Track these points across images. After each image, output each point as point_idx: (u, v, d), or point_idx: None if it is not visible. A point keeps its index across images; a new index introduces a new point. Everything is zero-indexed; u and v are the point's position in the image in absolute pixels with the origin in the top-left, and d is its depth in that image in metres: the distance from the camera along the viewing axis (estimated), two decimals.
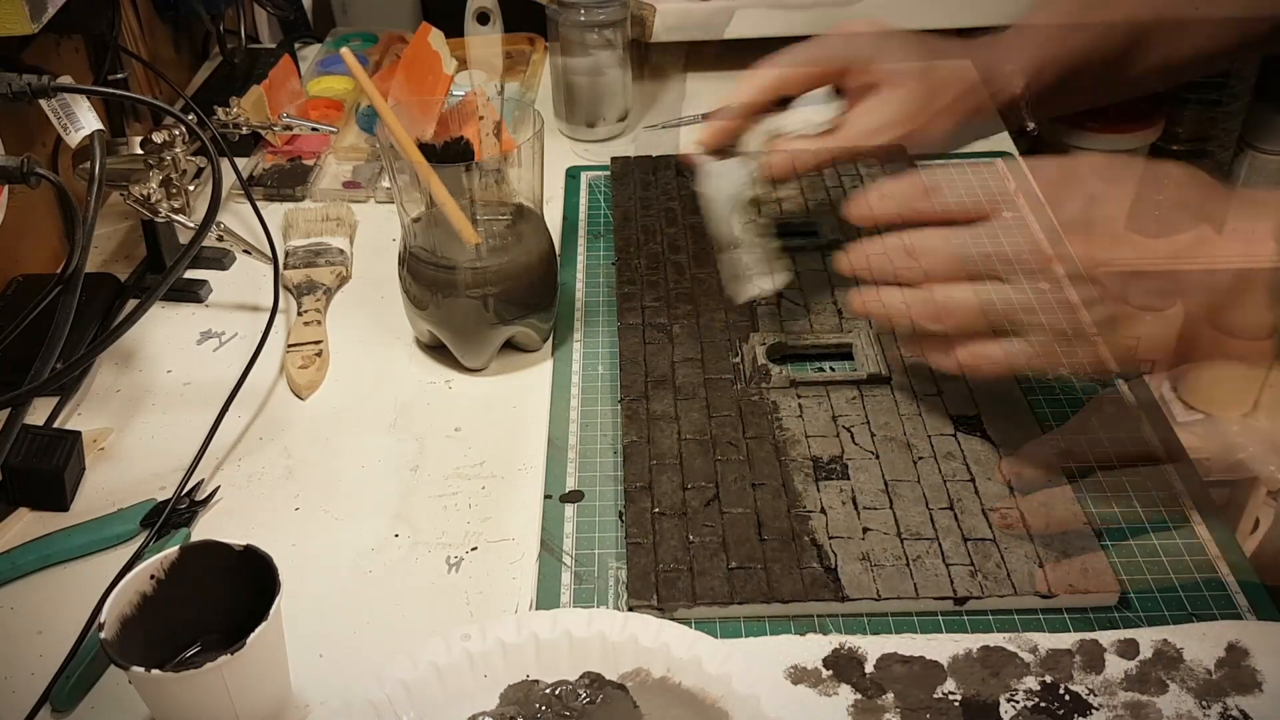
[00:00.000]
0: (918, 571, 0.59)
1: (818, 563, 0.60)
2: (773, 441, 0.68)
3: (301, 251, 0.88)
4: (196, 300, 0.86)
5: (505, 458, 0.71)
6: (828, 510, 0.63)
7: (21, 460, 0.67)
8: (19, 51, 0.78)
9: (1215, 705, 0.54)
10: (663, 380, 0.72)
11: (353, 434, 0.73)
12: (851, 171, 0.92)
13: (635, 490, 0.65)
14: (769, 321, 0.77)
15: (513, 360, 0.78)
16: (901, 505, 0.63)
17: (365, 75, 0.69)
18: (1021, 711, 0.54)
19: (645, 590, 0.59)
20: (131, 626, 0.52)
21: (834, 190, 0.90)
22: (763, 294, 0.75)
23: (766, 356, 0.73)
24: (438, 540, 0.65)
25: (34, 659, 0.59)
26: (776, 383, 0.72)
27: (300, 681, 0.56)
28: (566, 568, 0.62)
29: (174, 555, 0.54)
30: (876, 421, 0.69)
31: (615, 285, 0.81)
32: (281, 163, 1.00)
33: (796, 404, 0.70)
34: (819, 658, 0.56)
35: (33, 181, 0.66)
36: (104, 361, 0.80)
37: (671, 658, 0.54)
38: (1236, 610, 0.59)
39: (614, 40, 1.02)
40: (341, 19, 1.32)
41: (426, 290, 0.74)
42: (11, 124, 0.85)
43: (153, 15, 1.12)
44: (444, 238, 0.72)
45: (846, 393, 0.71)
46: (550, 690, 0.55)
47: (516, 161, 0.72)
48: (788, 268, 0.77)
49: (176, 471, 0.69)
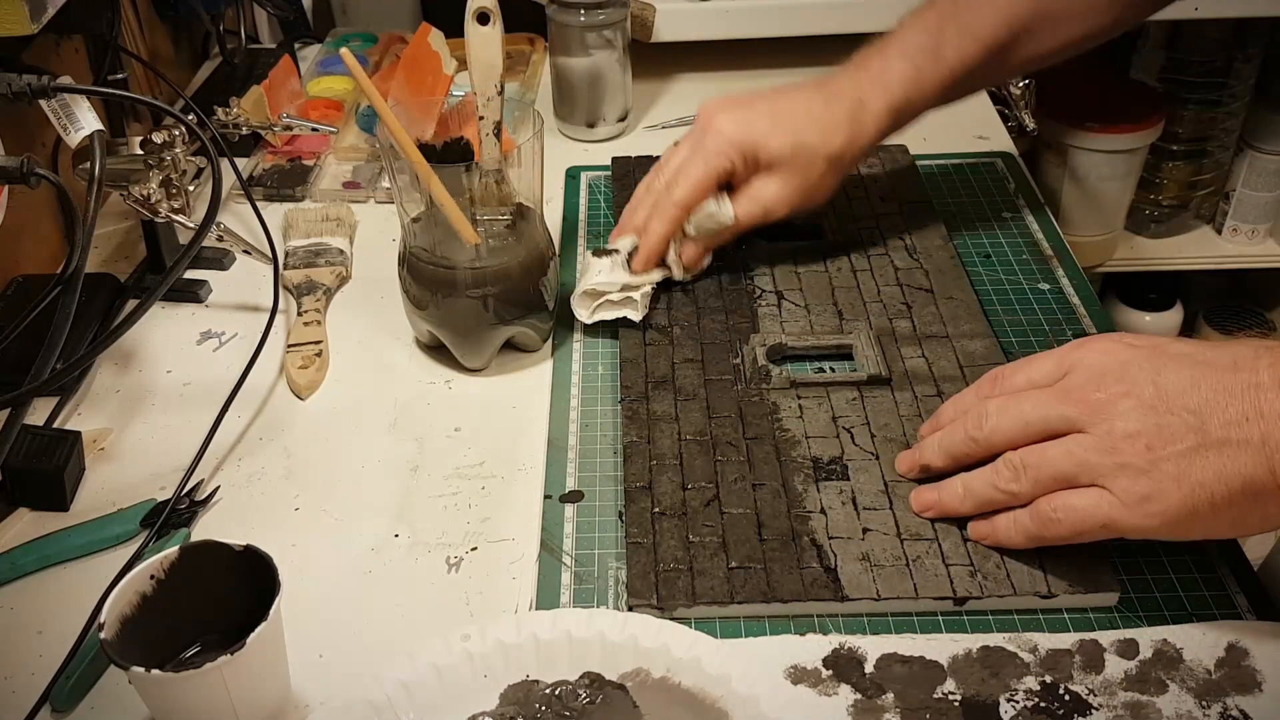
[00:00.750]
0: (917, 572, 0.59)
1: (818, 563, 0.60)
2: (773, 442, 0.68)
3: (301, 252, 0.88)
4: (196, 300, 0.86)
5: (505, 458, 0.71)
6: (828, 510, 0.63)
7: (21, 460, 0.67)
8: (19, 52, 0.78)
9: (1215, 705, 0.54)
10: (663, 381, 0.72)
11: (353, 434, 0.73)
12: (853, 170, 0.92)
13: (635, 490, 0.65)
14: (769, 323, 0.77)
15: (513, 360, 0.78)
16: (901, 506, 0.63)
17: (365, 76, 0.69)
18: (1021, 712, 0.54)
19: (645, 590, 0.59)
20: (131, 626, 0.52)
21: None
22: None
23: (767, 358, 0.73)
24: (437, 540, 0.65)
25: (34, 659, 0.59)
26: (777, 383, 0.72)
27: (300, 681, 0.56)
28: (566, 568, 0.62)
29: (174, 555, 0.54)
30: (877, 422, 0.69)
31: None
32: (281, 163, 1.00)
33: (797, 405, 0.70)
34: (819, 658, 0.56)
35: (33, 182, 0.66)
36: (104, 362, 0.80)
37: (671, 658, 0.54)
38: (1236, 610, 0.59)
39: (614, 40, 1.01)
40: (341, 19, 1.32)
41: (426, 290, 0.74)
42: (11, 124, 0.85)
43: (152, 15, 1.12)
44: (444, 238, 0.72)
45: (847, 394, 0.71)
46: (550, 690, 0.55)
47: (516, 161, 0.72)
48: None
49: (176, 472, 0.69)
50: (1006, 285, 0.82)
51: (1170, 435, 0.53)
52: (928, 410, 0.69)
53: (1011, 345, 0.76)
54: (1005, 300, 0.81)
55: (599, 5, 1.00)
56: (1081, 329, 0.78)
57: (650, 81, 1.15)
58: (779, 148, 0.76)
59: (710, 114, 0.78)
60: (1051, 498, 0.57)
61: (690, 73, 1.18)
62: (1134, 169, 1.49)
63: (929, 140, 1.02)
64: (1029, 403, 0.58)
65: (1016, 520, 0.59)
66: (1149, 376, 0.55)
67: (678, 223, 0.78)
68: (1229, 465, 0.52)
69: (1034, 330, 0.78)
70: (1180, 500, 0.53)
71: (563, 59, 1.03)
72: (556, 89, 1.06)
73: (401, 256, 0.75)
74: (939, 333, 0.76)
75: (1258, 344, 0.54)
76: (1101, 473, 0.54)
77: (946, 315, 0.77)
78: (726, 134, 0.77)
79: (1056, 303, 0.80)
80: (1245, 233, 1.60)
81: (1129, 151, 1.46)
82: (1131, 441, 0.54)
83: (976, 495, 0.60)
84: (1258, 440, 0.51)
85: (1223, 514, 0.53)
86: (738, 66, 1.18)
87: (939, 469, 0.63)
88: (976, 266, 0.84)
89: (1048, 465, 0.57)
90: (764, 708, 0.51)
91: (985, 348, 0.74)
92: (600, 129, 1.05)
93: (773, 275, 0.81)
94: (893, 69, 0.77)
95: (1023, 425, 0.58)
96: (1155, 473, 0.53)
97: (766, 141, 0.76)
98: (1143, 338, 0.58)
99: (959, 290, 0.79)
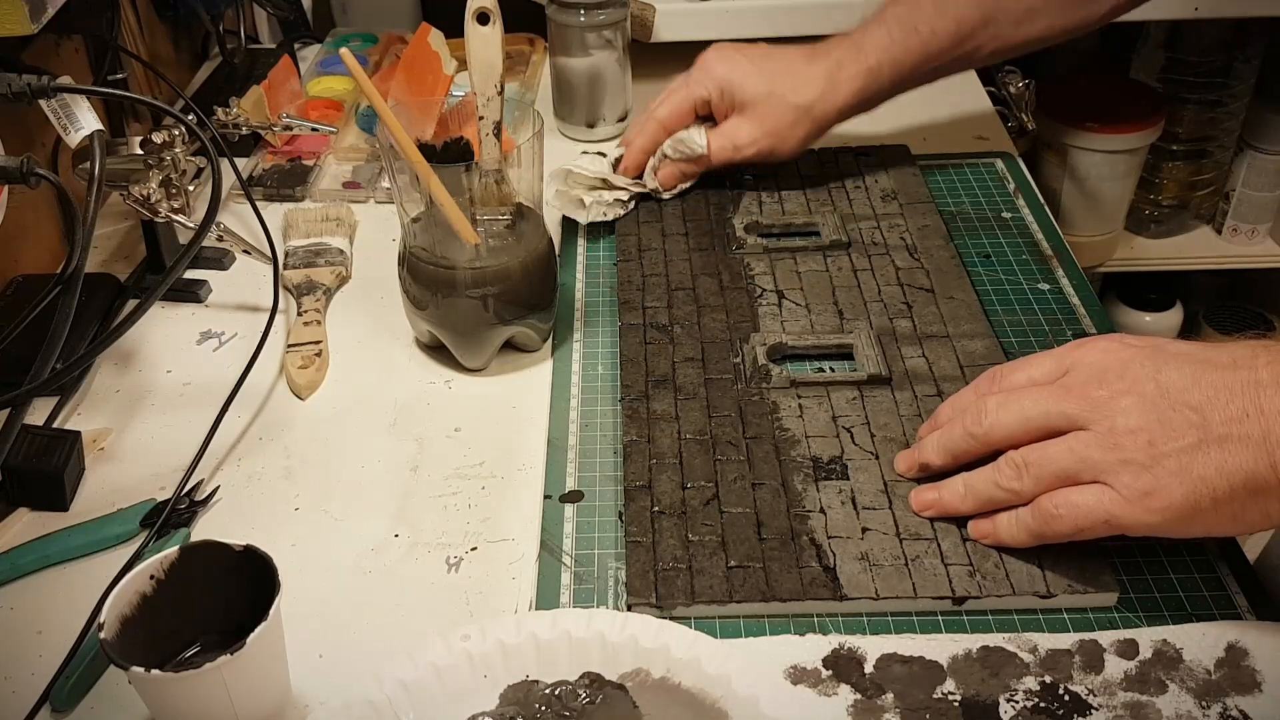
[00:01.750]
0: (916, 571, 0.59)
1: (816, 562, 0.60)
2: (772, 441, 0.68)
3: (301, 252, 0.88)
4: (196, 300, 0.86)
5: (505, 458, 0.71)
6: (827, 510, 0.63)
7: (21, 460, 0.67)
8: (19, 52, 0.78)
9: (1215, 705, 0.54)
10: (663, 380, 0.72)
11: (352, 434, 0.73)
12: (854, 170, 0.93)
13: (635, 489, 0.65)
14: (770, 321, 0.77)
15: (513, 360, 0.78)
16: (900, 505, 0.63)
17: (365, 76, 0.69)
18: (1021, 712, 0.54)
19: (644, 589, 0.59)
20: (131, 627, 0.52)
21: (835, 190, 0.91)
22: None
23: (767, 357, 0.73)
24: (437, 540, 0.65)
25: (34, 659, 0.59)
26: (777, 383, 0.72)
27: (300, 681, 0.56)
28: (566, 568, 0.62)
29: (174, 555, 0.54)
30: (876, 422, 0.69)
31: (616, 286, 0.82)
32: (281, 163, 1.00)
33: (797, 404, 0.70)
34: (819, 658, 0.56)
35: (32, 182, 0.66)
36: (104, 362, 0.80)
37: (671, 658, 0.54)
38: (1236, 610, 0.59)
39: (614, 41, 1.02)
40: (341, 19, 1.32)
41: (426, 290, 0.74)
42: (11, 124, 0.85)
43: (152, 15, 1.12)
44: (444, 238, 0.72)
45: (847, 393, 0.71)
46: (550, 690, 0.55)
47: (516, 161, 0.72)
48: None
49: (176, 472, 0.69)
50: (1006, 285, 0.82)
51: (1172, 431, 0.53)
52: (928, 410, 0.69)
53: (1011, 345, 0.76)
54: (1005, 300, 0.81)
55: (599, 5, 1.00)
56: (1081, 329, 0.78)
57: (650, 82, 1.15)
58: (754, 90, 0.85)
59: (706, 54, 0.88)
60: (1053, 495, 0.57)
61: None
62: (1134, 169, 1.49)
63: (929, 140, 1.02)
64: (1029, 399, 0.58)
65: (1018, 518, 0.59)
66: (1150, 374, 0.55)
67: (656, 138, 0.88)
68: (1230, 461, 0.52)
69: (1034, 330, 0.78)
70: (1182, 496, 0.53)
71: (562, 59, 1.03)
72: (556, 89, 1.06)
73: (401, 256, 0.75)
74: (939, 332, 0.76)
75: (1255, 343, 0.54)
76: (1103, 469, 0.55)
77: (947, 315, 0.77)
78: (710, 70, 0.86)
79: (1056, 303, 0.80)
80: (1245, 233, 1.60)
81: (1129, 151, 1.46)
82: (1133, 437, 0.54)
83: (978, 494, 0.60)
84: (1258, 436, 0.51)
85: (1224, 510, 0.53)
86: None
87: (938, 467, 0.63)
88: (976, 266, 0.84)
89: (1049, 463, 0.57)
90: (763, 708, 0.51)
91: (986, 347, 0.74)
92: (600, 129, 1.05)
93: (773, 274, 0.81)
94: (871, 36, 0.85)
95: (1023, 421, 0.58)
96: (1157, 468, 0.53)
97: (744, 83, 0.85)
98: (1142, 338, 0.58)
99: (959, 290, 0.79)
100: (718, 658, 0.54)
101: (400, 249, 0.75)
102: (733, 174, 0.91)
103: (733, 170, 0.90)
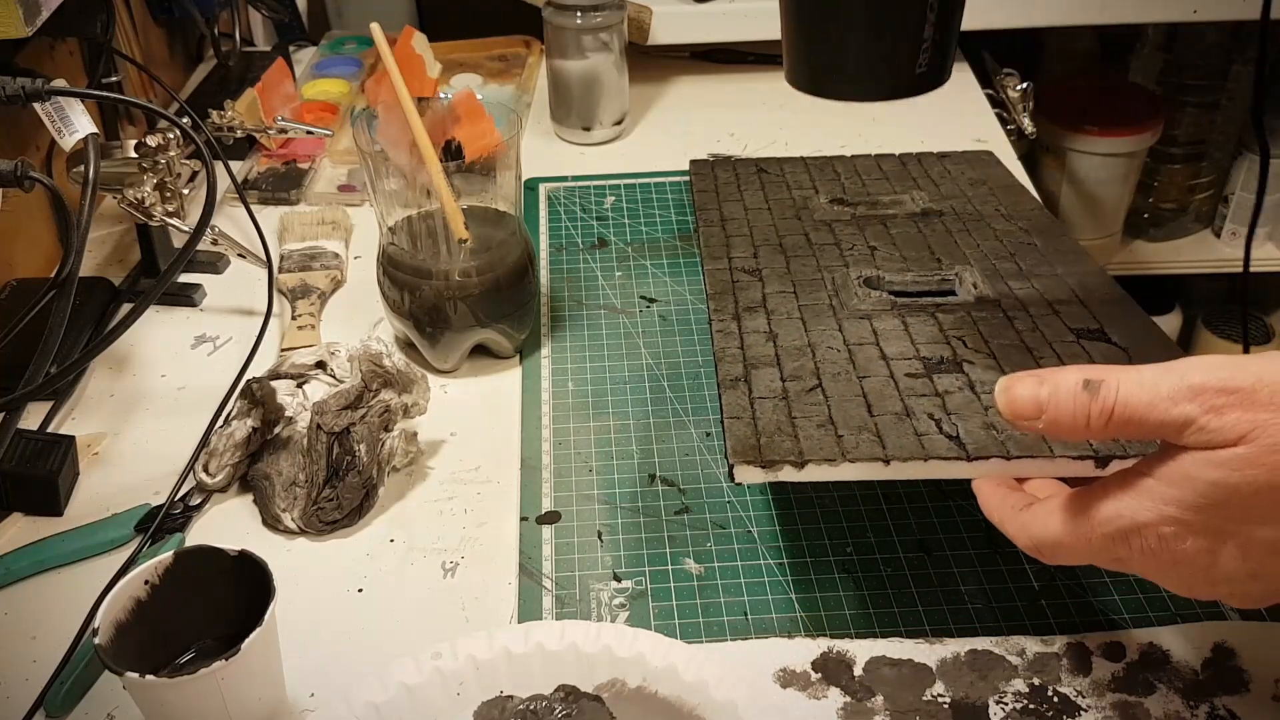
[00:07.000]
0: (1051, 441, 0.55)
1: (937, 430, 0.57)
2: (878, 348, 0.64)
3: (296, 255, 0.89)
4: (191, 304, 0.86)
5: (500, 462, 0.71)
6: (944, 395, 0.59)
7: (15, 465, 0.67)
8: (13, 54, 0.78)
9: (1203, 705, 0.54)
10: (754, 307, 0.69)
11: None
12: (937, 165, 0.91)
13: (729, 382, 0.60)
14: (863, 266, 0.74)
15: (512, 363, 0.78)
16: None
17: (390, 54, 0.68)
18: (1011, 713, 0.54)
19: (747, 450, 0.55)
20: (126, 632, 0.52)
21: (921, 179, 0.88)
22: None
23: (864, 285, 0.71)
24: (433, 545, 0.65)
25: (28, 664, 0.59)
26: (878, 305, 0.68)
27: (295, 687, 0.57)
28: (547, 591, 0.61)
29: (168, 560, 0.54)
30: (990, 334, 0.65)
31: (701, 242, 0.79)
32: (276, 166, 1.01)
33: (901, 322, 0.67)
34: (808, 660, 0.57)
35: (26, 185, 0.66)
36: (98, 366, 0.80)
37: (647, 666, 0.54)
38: (1221, 610, 0.59)
39: (610, 43, 1.02)
40: (336, 22, 1.32)
41: (403, 292, 0.74)
42: (5, 127, 0.85)
43: (147, 18, 1.12)
44: (424, 241, 0.72)
45: (955, 314, 0.67)
46: (525, 705, 0.54)
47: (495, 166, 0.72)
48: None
49: (171, 476, 0.69)
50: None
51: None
52: (1045, 325, 0.64)
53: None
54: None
55: (595, 8, 1.00)
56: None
57: (647, 84, 1.15)
58: None
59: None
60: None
61: (687, 75, 1.18)
62: (1132, 172, 1.49)
63: (926, 142, 1.02)
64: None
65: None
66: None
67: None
68: None
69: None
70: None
71: (559, 62, 1.03)
72: (553, 92, 1.06)
73: (379, 259, 0.75)
74: (1048, 272, 0.73)
75: None
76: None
77: (1054, 257, 0.74)
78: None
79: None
80: (1244, 236, 1.60)
81: (1127, 155, 1.46)
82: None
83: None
84: None
85: None
86: (736, 68, 1.18)
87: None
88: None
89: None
90: (741, 713, 0.51)
91: (1100, 282, 0.70)
92: (596, 132, 1.05)
93: (863, 235, 0.79)
94: None
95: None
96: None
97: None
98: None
99: (1064, 244, 0.76)
100: (694, 664, 0.53)
101: (378, 253, 0.76)
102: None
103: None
